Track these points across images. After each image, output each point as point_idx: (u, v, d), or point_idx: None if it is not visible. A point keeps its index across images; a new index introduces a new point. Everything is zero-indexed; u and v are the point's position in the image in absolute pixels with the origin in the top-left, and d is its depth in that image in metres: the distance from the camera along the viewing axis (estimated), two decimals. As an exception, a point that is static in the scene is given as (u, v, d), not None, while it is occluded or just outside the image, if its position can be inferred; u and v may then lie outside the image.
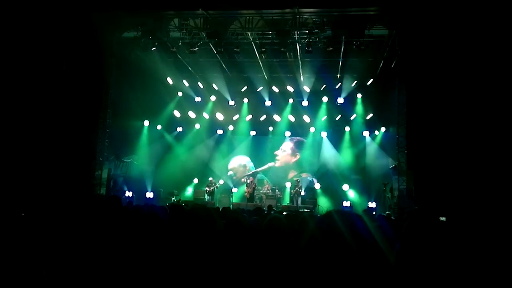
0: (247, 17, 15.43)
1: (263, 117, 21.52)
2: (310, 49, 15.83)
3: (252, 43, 16.65)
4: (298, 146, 21.45)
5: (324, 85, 20.33)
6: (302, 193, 18.37)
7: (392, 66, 17.15)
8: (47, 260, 2.94)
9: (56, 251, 3.15)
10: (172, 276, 2.61)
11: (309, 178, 20.66)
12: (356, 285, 1.33)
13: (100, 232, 3.77)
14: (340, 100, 20.44)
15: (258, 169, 21.34)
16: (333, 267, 1.35)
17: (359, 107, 20.48)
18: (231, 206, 17.15)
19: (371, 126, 20.08)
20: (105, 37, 15.70)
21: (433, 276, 2.20)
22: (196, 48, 16.52)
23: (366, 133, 20.18)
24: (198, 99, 21.58)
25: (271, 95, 21.06)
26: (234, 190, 19.94)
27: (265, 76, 20.28)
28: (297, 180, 19.08)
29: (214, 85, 21.11)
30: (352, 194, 19.40)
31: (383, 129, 19.35)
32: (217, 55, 17.17)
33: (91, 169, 16.14)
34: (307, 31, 15.50)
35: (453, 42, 13.46)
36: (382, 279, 1.32)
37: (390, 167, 17.09)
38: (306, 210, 15.46)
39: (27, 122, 13.51)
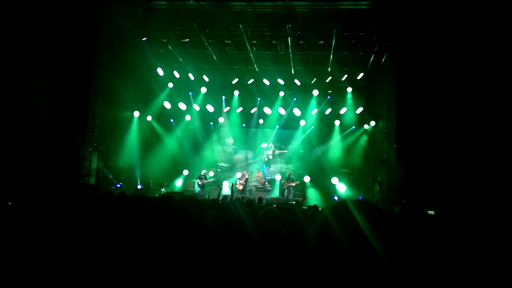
0: (239, 9, 15.35)
1: (253, 110, 21.54)
2: (301, 42, 15.85)
3: (244, 35, 16.59)
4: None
5: (315, 79, 20.34)
6: (293, 184, 18.47)
7: (383, 60, 17.21)
8: (36, 250, 2.92)
9: (44, 242, 3.13)
10: (161, 268, 2.62)
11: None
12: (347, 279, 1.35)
13: (90, 224, 3.75)
14: (330, 94, 20.55)
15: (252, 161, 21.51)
16: (330, 266, 1.37)
17: (349, 101, 20.54)
18: (220, 198, 17.18)
19: (361, 119, 20.15)
20: (95, 27, 15.57)
21: (423, 269, 2.23)
22: (187, 39, 16.44)
23: (355, 127, 20.25)
24: (189, 91, 21.52)
25: (262, 87, 21.03)
26: (225, 183, 19.90)
27: (256, 69, 20.23)
28: (289, 172, 19.20)
29: (205, 77, 21.05)
30: (341, 187, 19.51)
31: (372, 123, 19.42)
32: (208, 46, 17.09)
33: (80, 160, 16.05)
34: (298, 24, 15.50)
35: (444, 37, 13.54)
36: (374, 275, 1.34)
37: (379, 161, 17.20)
38: (293, 202, 15.52)
39: (16, 112, 13.39)
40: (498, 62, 12.71)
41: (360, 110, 20.18)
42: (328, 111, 20.79)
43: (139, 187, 18.34)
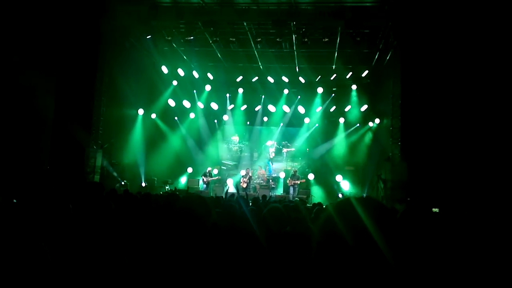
0: (243, 7, 15.34)
1: (258, 107, 21.56)
2: (306, 39, 15.82)
3: (248, 33, 16.58)
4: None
5: (319, 76, 20.33)
6: (297, 181, 18.44)
7: (387, 57, 17.17)
8: (41, 249, 2.94)
9: (48, 240, 3.14)
10: (166, 265, 2.62)
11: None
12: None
13: (95, 222, 3.76)
14: (334, 92, 20.57)
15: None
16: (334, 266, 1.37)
17: (353, 99, 20.52)
18: (224, 196, 17.18)
19: (366, 117, 20.13)
20: (100, 25, 15.59)
21: (427, 266, 2.22)
22: (192, 37, 16.45)
23: (360, 124, 20.23)
24: (193, 88, 21.53)
25: (266, 85, 21.03)
26: (229, 181, 19.90)
27: (260, 66, 20.21)
28: (295, 170, 19.17)
29: (209, 75, 21.05)
30: (345, 184, 19.50)
31: (377, 120, 19.38)
32: (212, 44, 17.09)
33: (85, 157, 16.09)
34: (303, 22, 15.48)
35: (449, 34, 13.48)
36: (378, 272, 1.34)
37: (384, 158, 17.15)
38: (297, 199, 15.49)
39: (21, 110, 13.44)
40: (503, 59, 12.65)
41: (364, 107, 20.16)
42: (333, 108, 20.80)
43: (143, 184, 18.39)
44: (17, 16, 13.00)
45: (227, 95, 21.78)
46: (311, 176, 20.08)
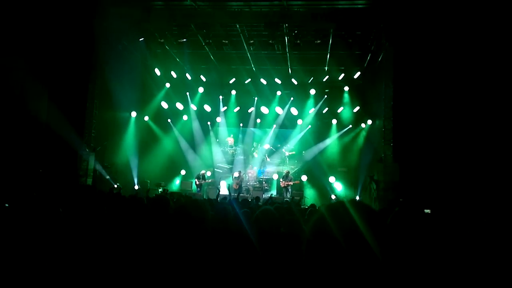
0: (236, 9, 15.37)
1: (251, 109, 21.59)
2: (298, 41, 15.88)
3: (241, 35, 16.61)
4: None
5: (312, 78, 20.40)
6: (290, 183, 18.47)
7: (379, 59, 17.25)
8: (35, 253, 2.94)
9: (38, 243, 3.14)
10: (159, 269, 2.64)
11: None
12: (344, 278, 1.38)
13: (86, 226, 3.76)
14: (327, 93, 20.65)
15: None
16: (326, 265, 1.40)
17: (346, 100, 20.62)
18: (218, 198, 17.15)
19: (358, 118, 20.20)
20: (92, 27, 15.55)
21: (418, 268, 2.25)
22: (184, 39, 16.46)
23: (352, 126, 20.30)
24: (186, 90, 21.53)
25: (259, 87, 21.06)
26: (222, 183, 19.89)
27: (253, 68, 20.26)
28: (287, 171, 19.18)
29: (202, 77, 21.06)
30: (338, 186, 19.54)
31: (369, 121, 19.45)
32: (205, 46, 17.11)
33: (77, 160, 16.02)
34: (295, 24, 15.54)
35: (440, 36, 13.57)
36: (369, 273, 1.37)
37: (376, 159, 17.21)
38: (287, 200, 15.53)
39: (14, 113, 13.38)
40: (496, 61, 12.75)
41: (357, 109, 20.24)
42: (325, 110, 20.87)
43: (136, 187, 18.33)
44: (10, 18, 12.94)
45: (220, 97, 21.81)
46: (304, 178, 20.11)
